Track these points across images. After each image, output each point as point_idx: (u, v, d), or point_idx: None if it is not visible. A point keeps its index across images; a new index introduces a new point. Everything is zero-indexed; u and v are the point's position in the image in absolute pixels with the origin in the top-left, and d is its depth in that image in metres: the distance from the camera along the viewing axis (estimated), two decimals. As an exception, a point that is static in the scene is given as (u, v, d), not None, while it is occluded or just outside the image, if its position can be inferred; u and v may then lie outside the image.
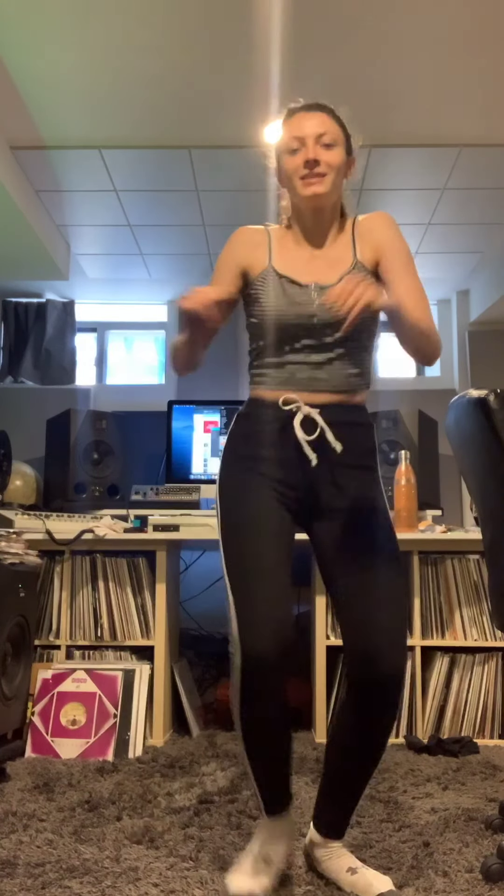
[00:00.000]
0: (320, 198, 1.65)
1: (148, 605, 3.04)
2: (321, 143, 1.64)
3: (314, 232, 1.72)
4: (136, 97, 2.89)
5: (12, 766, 2.53)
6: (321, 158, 1.63)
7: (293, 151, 1.66)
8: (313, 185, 1.63)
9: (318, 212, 1.69)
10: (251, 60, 2.67)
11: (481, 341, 4.51)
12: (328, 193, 1.65)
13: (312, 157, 1.62)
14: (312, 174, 1.63)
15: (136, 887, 1.60)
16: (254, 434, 1.68)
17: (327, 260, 1.70)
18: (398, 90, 2.85)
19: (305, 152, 1.64)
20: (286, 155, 1.68)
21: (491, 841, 1.85)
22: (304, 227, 1.72)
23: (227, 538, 1.62)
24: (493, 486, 1.68)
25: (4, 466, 3.36)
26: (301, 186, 1.65)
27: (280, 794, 1.63)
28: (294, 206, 1.73)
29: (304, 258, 1.70)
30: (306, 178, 1.64)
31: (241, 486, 1.65)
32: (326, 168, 1.64)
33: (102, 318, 4.81)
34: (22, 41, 2.59)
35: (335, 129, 1.67)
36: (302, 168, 1.64)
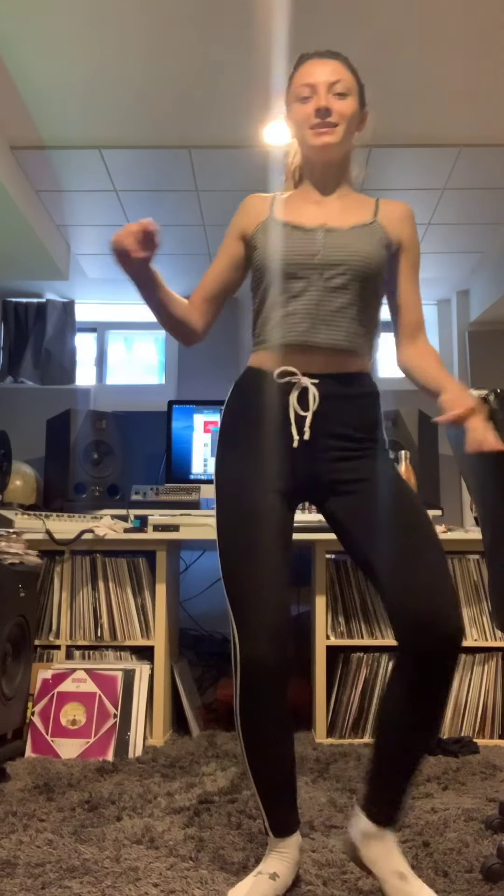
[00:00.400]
0: (331, 148, 1.58)
1: (148, 605, 3.04)
2: (334, 91, 1.57)
3: (323, 183, 1.65)
4: (136, 97, 2.89)
5: (12, 766, 2.52)
6: (333, 107, 1.56)
7: (304, 99, 1.58)
8: (324, 134, 1.57)
9: (328, 164, 1.63)
10: (251, 60, 2.67)
11: (481, 341, 4.51)
12: (339, 144, 1.59)
13: (324, 106, 1.55)
14: (324, 123, 1.56)
15: (136, 887, 1.60)
16: (247, 410, 1.59)
17: (338, 208, 1.63)
18: (398, 90, 2.85)
19: (317, 100, 1.56)
20: (296, 103, 1.60)
21: (491, 841, 1.85)
22: (314, 178, 1.66)
23: (223, 539, 1.56)
24: (493, 486, 1.68)
25: (4, 466, 3.36)
26: (311, 136, 1.58)
27: (287, 816, 1.56)
28: (303, 157, 1.67)
29: (311, 207, 1.64)
30: (317, 128, 1.57)
31: (236, 480, 1.57)
32: (338, 118, 1.57)
33: (102, 318, 4.81)
34: (22, 41, 2.59)
35: (349, 77, 1.60)
36: (313, 117, 1.57)
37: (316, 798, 2.20)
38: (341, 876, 1.66)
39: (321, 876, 1.65)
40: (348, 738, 2.92)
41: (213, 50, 2.65)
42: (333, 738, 2.92)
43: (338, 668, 2.96)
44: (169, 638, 3.04)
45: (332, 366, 1.57)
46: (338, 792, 2.27)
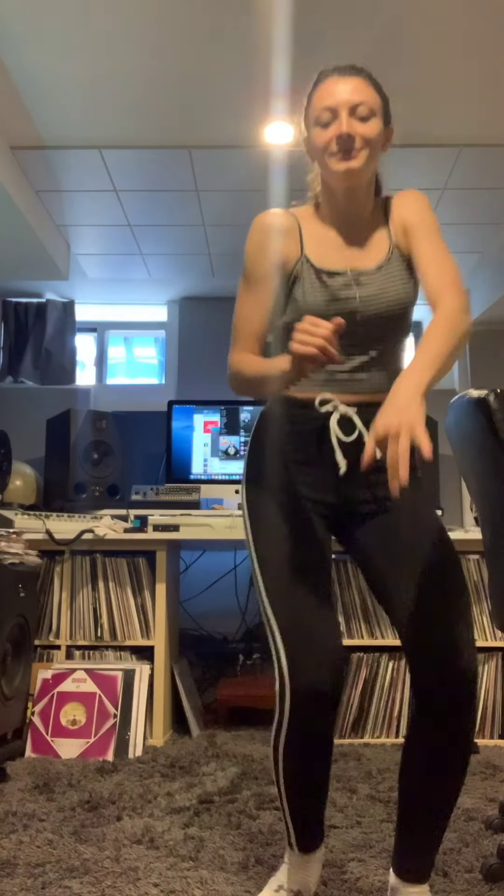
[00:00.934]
0: (354, 174, 1.45)
1: (148, 605, 3.04)
2: (356, 115, 1.44)
3: (347, 213, 1.53)
4: (136, 97, 2.89)
5: (12, 766, 2.53)
6: (356, 132, 1.44)
7: (324, 125, 1.45)
8: (346, 160, 1.44)
9: (352, 191, 1.50)
10: (251, 60, 2.67)
11: (481, 341, 4.51)
12: (363, 170, 1.46)
13: (346, 132, 1.43)
14: (345, 150, 1.44)
15: (136, 887, 1.60)
16: (284, 437, 1.51)
17: (362, 242, 1.53)
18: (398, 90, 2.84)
19: (339, 125, 1.44)
20: (317, 128, 1.47)
21: (491, 841, 1.85)
22: (336, 207, 1.53)
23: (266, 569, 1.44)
24: (493, 486, 1.68)
25: (4, 466, 3.36)
26: (333, 162, 1.45)
27: (315, 833, 1.48)
28: (324, 183, 1.53)
29: (337, 242, 1.53)
30: (338, 155, 1.44)
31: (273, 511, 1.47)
32: (362, 143, 1.44)
33: (102, 318, 4.81)
34: (22, 41, 2.59)
35: (372, 96, 1.48)
36: (334, 144, 1.44)
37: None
38: (341, 876, 1.66)
39: (321, 876, 1.65)
40: (348, 738, 2.92)
41: (213, 50, 2.64)
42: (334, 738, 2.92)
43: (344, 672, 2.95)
44: (169, 638, 3.04)
45: (370, 399, 1.49)
46: (338, 792, 2.27)
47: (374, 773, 2.46)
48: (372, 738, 2.92)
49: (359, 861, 1.74)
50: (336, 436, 1.46)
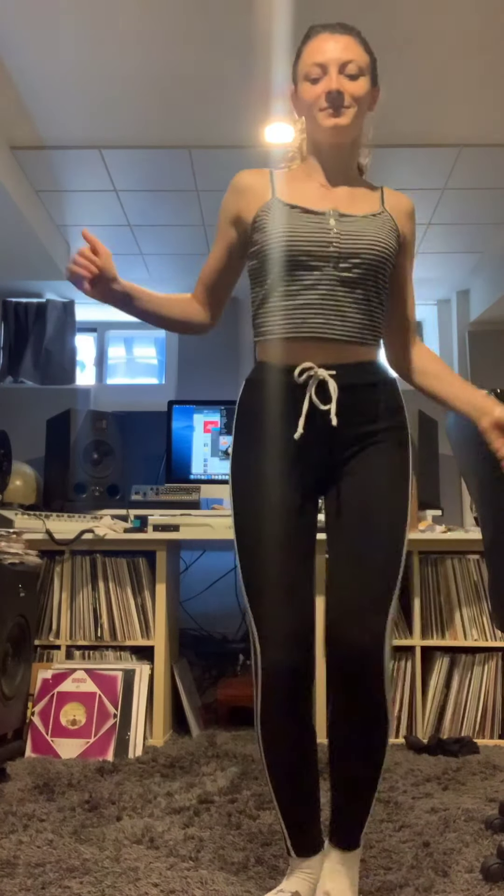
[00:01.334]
0: (342, 131, 1.48)
1: (148, 605, 3.04)
2: (346, 72, 1.47)
3: (332, 167, 1.55)
4: (136, 97, 2.89)
5: (12, 766, 2.52)
6: (345, 89, 1.46)
7: (314, 80, 1.48)
8: (335, 117, 1.46)
9: (338, 146, 1.53)
10: (251, 60, 2.67)
11: (481, 341, 4.51)
12: (350, 126, 1.49)
13: (335, 88, 1.45)
14: (334, 106, 1.46)
15: (136, 887, 1.60)
16: (263, 408, 1.51)
17: (345, 193, 1.54)
18: (398, 90, 2.85)
19: (328, 82, 1.46)
20: (306, 83, 1.49)
21: (491, 841, 1.85)
22: (321, 160, 1.55)
23: (243, 539, 1.49)
24: (493, 486, 1.68)
25: (4, 466, 3.36)
26: (322, 118, 1.47)
27: (309, 836, 1.48)
28: (311, 138, 1.56)
29: (317, 190, 1.54)
30: (327, 110, 1.47)
31: (256, 479, 1.49)
32: (350, 101, 1.47)
33: (102, 318, 4.81)
34: (22, 41, 2.59)
35: (361, 55, 1.50)
36: (323, 100, 1.46)
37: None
38: (341, 876, 1.66)
39: (321, 876, 1.65)
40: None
41: (214, 50, 2.65)
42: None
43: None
44: (169, 638, 3.04)
45: (346, 357, 1.49)
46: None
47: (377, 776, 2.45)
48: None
49: (359, 861, 1.74)
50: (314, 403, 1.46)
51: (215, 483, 3.72)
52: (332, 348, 1.48)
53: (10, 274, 4.12)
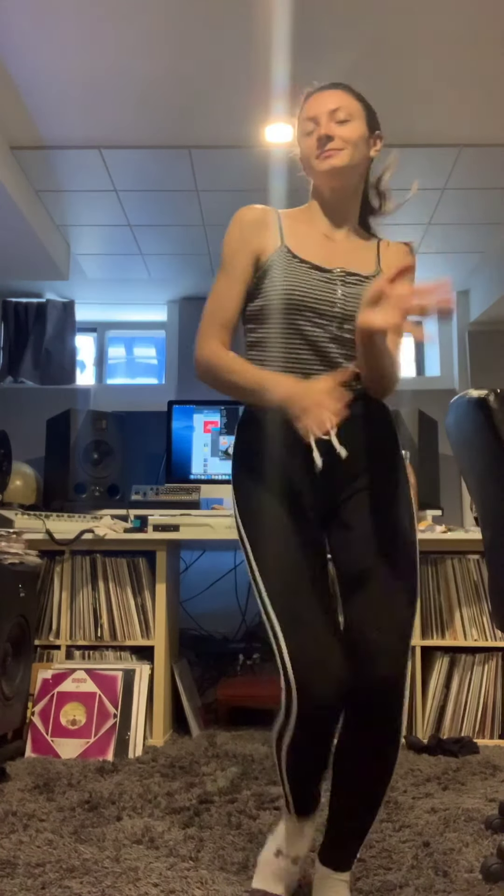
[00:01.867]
0: (337, 173, 1.54)
1: (148, 605, 3.04)
2: (335, 118, 1.54)
3: (333, 213, 1.60)
4: (136, 97, 2.89)
5: (12, 766, 2.53)
6: (335, 133, 1.53)
7: (308, 133, 1.57)
8: (329, 158, 1.53)
9: (338, 191, 1.58)
10: (251, 60, 2.67)
11: (481, 341, 4.51)
12: (346, 168, 1.54)
13: (324, 133, 1.53)
14: (326, 150, 1.53)
15: (136, 887, 1.60)
16: (264, 440, 1.53)
17: (347, 247, 1.59)
18: (398, 90, 2.85)
19: (318, 130, 1.55)
20: (303, 138, 1.59)
21: (491, 841, 1.85)
22: (325, 210, 1.61)
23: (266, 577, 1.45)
24: (493, 486, 1.68)
25: (4, 466, 3.36)
26: (317, 164, 1.55)
27: (312, 799, 1.53)
28: (315, 190, 1.62)
29: (320, 239, 1.58)
30: (320, 155, 1.54)
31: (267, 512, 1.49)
32: (342, 143, 1.53)
33: (102, 318, 4.81)
34: (22, 41, 2.59)
35: (351, 103, 1.57)
36: (316, 147, 1.54)
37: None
38: (341, 876, 1.66)
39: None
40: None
41: (213, 50, 2.64)
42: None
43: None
44: (169, 638, 3.04)
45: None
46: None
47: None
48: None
49: (359, 861, 1.74)
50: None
51: (215, 483, 3.72)
52: None
53: (10, 274, 4.12)
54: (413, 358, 4.98)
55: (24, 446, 3.95)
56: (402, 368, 1.48)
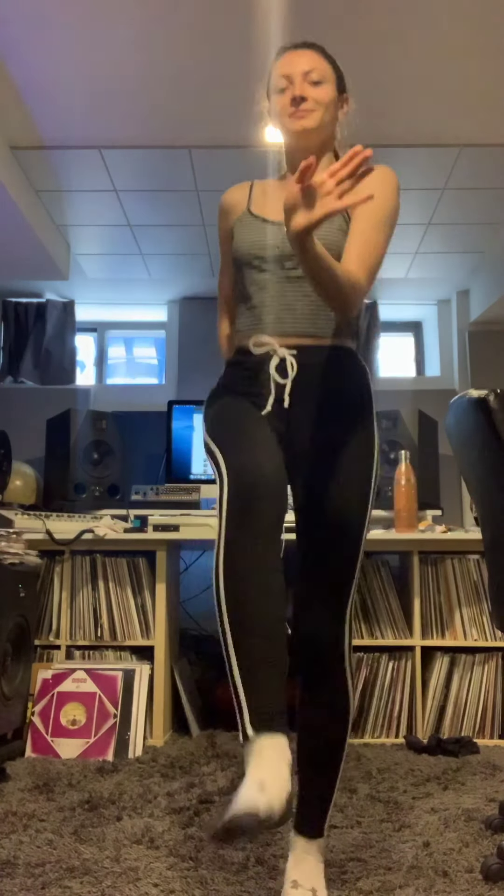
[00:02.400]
0: (309, 133, 1.61)
1: (148, 605, 3.04)
2: (308, 79, 1.60)
3: None
4: (136, 97, 2.89)
5: (12, 766, 2.53)
6: (308, 94, 1.59)
7: (281, 90, 1.62)
8: (301, 119, 1.59)
9: (307, 150, 1.62)
10: (251, 60, 2.67)
11: (481, 341, 4.51)
12: (317, 128, 1.61)
13: (299, 94, 1.58)
14: (300, 110, 1.59)
15: (136, 887, 1.60)
16: (232, 383, 1.62)
17: None
18: (398, 90, 2.85)
19: (292, 89, 1.60)
20: (275, 95, 1.64)
21: (491, 841, 1.85)
22: (294, 166, 1.67)
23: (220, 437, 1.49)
24: (493, 486, 1.68)
25: (4, 466, 3.36)
26: (289, 122, 1.61)
27: (272, 704, 1.26)
28: (285, 146, 1.69)
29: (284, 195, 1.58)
30: (294, 116, 1.59)
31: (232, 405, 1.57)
32: (314, 104, 1.59)
33: (102, 318, 4.81)
34: (22, 41, 2.59)
35: (324, 65, 1.63)
36: (289, 105, 1.60)
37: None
38: (341, 876, 1.66)
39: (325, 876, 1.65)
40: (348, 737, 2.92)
41: (213, 50, 2.65)
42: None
43: (338, 668, 2.95)
44: (169, 638, 3.04)
45: (304, 343, 1.56)
46: (338, 792, 2.26)
47: (374, 773, 2.46)
48: (372, 738, 2.92)
49: (359, 861, 1.74)
50: (273, 378, 1.54)
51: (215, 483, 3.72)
52: (288, 338, 1.57)
53: (10, 274, 4.12)
54: (413, 358, 4.98)
55: (24, 446, 3.95)
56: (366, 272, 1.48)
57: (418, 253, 4.09)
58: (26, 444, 3.97)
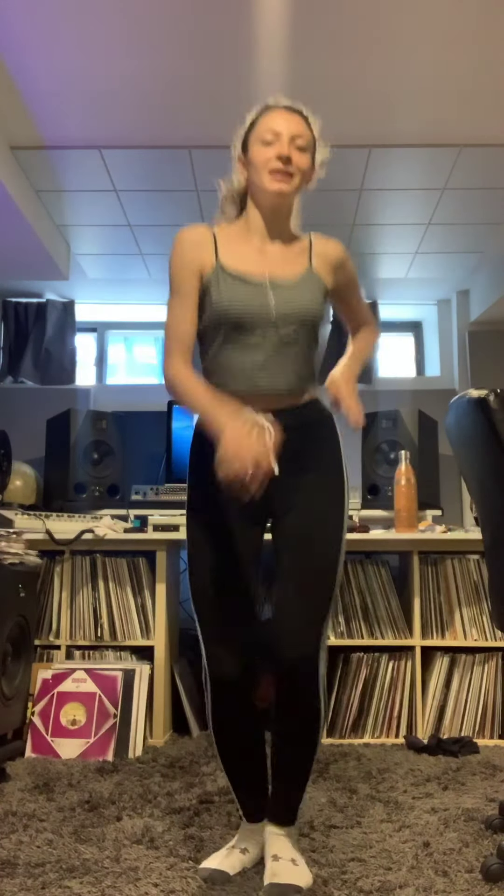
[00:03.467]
0: (284, 196, 1.67)
1: (148, 605, 3.04)
2: (295, 144, 1.66)
3: (268, 227, 1.72)
4: (136, 97, 2.89)
5: (12, 766, 2.53)
6: (294, 159, 1.65)
7: (267, 143, 1.66)
8: (281, 182, 1.64)
9: (277, 209, 1.70)
10: (251, 60, 2.67)
11: (481, 341, 4.51)
12: (290, 194, 1.68)
13: (286, 154, 1.63)
14: (283, 171, 1.64)
15: (136, 887, 1.60)
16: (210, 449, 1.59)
17: (279, 256, 1.71)
18: (398, 90, 2.85)
19: (280, 147, 1.64)
20: (258, 145, 1.68)
21: (491, 841, 1.85)
22: (258, 220, 1.72)
23: (193, 562, 1.73)
24: (493, 486, 1.68)
25: (4, 466, 3.36)
26: (269, 181, 1.65)
27: (256, 806, 1.76)
28: (253, 196, 1.73)
29: (254, 252, 1.71)
30: (276, 174, 1.64)
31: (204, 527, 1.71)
32: (295, 169, 1.66)
33: (102, 318, 4.81)
34: (22, 41, 2.59)
35: (309, 135, 1.70)
36: (274, 160, 1.64)
37: (316, 798, 2.20)
38: (341, 876, 1.66)
39: (321, 876, 1.65)
40: (348, 738, 2.92)
41: (213, 50, 2.65)
42: (333, 738, 2.93)
43: (338, 668, 2.96)
44: (169, 638, 3.04)
45: (285, 403, 1.69)
46: (338, 792, 2.27)
47: (374, 773, 2.46)
48: (372, 738, 2.92)
49: (359, 861, 1.74)
50: None
51: None
52: (273, 398, 1.67)
53: (10, 274, 4.12)
54: (413, 358, 4.98)
55: (24, 446, 3.95)
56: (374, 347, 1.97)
57: (418, 253, 4.09)
58: (26, 444, 3.97)
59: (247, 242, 1.72)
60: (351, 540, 3.05)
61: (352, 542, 3.06)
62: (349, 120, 2.96)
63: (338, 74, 2.73)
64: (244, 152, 1.73)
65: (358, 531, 3.07)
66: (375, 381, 4.46)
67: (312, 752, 1.67)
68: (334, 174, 1.87)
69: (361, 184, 3.40)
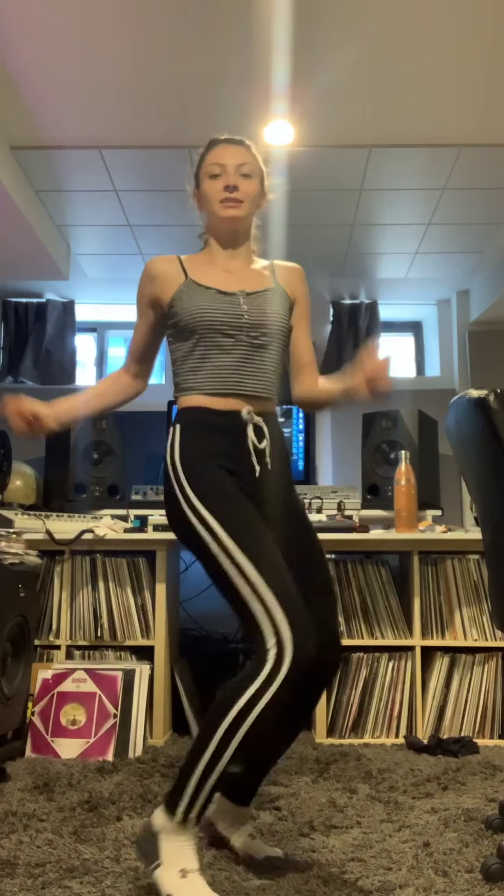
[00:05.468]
0: (236, 221, 1.80)
1: (148, 605, 3.04)
2: (241, 172, 1.78)
3: (229, 252, 1.85)
4: (136, 97, 2.89)
5: (12, 766, 2.53)
6: (240, 186, 1.77)
7: (214, 177, 1.79)
8: (231, 208, 1.77)
9: (233, 234, 1.83)
10: (251, 60, 2.67)
11: (481, 341, 4.51)
12: (243, 218, 1.80)
13: (233, 183, 1.77)
14: (231, 199, 1.77)
15: (136, 887, 1.60)
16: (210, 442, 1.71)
17: (245, 274, 1.84)
18: (398, 90, 2.85)
19: (226, 178, 1.78)
20: (207, 179, 1.81)
21: (491, 841, 1.85)
22: (219, 248, 1.86)
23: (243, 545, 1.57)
24: (493, 486, 1.68)
25: (4, 466, 3.36)
26: (220, 209, 1.78)
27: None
28: (210, 227, 1.86)
29: (220, 272, 1.82)
30: (225, 202, 1.77)
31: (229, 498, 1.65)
32: (243, 195, 1.78)
33: (102, 318, 4.81)
34: (22, 41, 2.59)
35: (254, 162, 1.82)
36: (222, 192, 1.77)
37: (316, 798, 2.20)
38: (341, 876, 1.66)
39: (321, 876, 1.65)
40: (348, 738, 2.92)
41: (214, 50, 2.65)
42: (333, 738, 2.93)
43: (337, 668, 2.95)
44: (169, 638, 3.04)
45: (263, 408, 1.77)
46: (338, 792, 2.27)
47: (375, 773, 2.46)
48: (372, 738, 2.92)
49: (359, 861, 1.74)
50: (252, 442, 1.72)
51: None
52: (253, 402, 1.74)
53: (10, 274, 4.12)
54: (413, 358, 4.98)
55: (24, 446, 3.95)
56: None
57: (418, 253, 4.09)
58: (26, 444, 3.97)
59: (213, 266, 1.84)
60: (351, 540, 3.05)
61: (352, 542, 3.06)
62: (349, 120, 2.96)
63: (338, 74, 2.74)
64: (197, 188, 1.86)
65: (358, 531, 3.07)
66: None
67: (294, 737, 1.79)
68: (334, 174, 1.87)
69: (361, 184, 3.40)
